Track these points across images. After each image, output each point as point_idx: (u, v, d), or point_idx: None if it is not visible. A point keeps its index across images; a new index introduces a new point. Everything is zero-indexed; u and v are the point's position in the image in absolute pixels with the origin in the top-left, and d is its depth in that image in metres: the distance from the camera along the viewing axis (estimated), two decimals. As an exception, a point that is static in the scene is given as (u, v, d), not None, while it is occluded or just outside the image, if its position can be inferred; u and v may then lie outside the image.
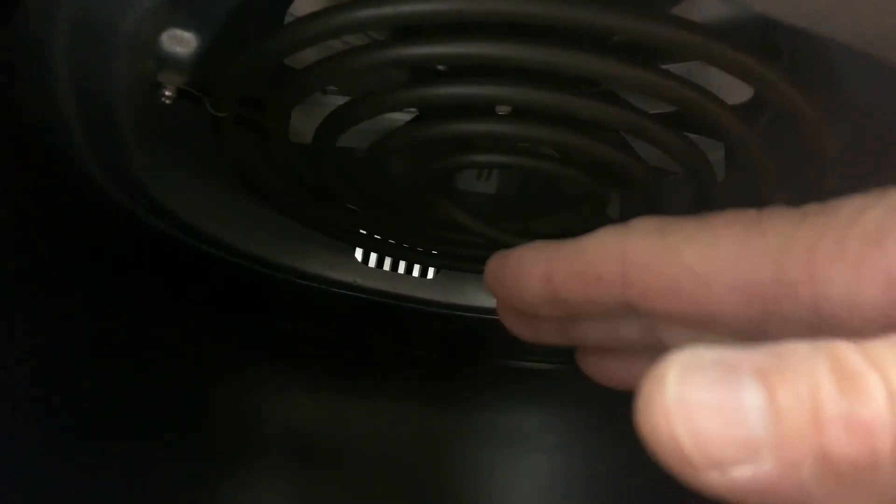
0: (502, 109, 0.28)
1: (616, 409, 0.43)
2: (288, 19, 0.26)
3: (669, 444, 0.12)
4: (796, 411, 0.11)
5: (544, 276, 0.18)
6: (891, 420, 0.11)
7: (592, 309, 0.18)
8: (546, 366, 0.47)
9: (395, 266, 0.43)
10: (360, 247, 0.41)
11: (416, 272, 0.43)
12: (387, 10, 0.21)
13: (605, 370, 0.21)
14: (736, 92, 0.25)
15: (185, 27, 0.24)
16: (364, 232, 0.39)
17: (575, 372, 0.46)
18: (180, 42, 0.24)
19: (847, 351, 0.11)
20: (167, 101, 0.25)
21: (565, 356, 0.46)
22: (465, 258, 0.39)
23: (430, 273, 0.43)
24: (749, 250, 0.15)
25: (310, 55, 0.25)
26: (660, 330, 0.19)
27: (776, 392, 0.11)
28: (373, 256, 0.42)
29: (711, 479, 0.12)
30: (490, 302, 0.43)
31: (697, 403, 0.12)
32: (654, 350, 0.19)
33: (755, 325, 0.16)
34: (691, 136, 0.27)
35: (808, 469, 0.11)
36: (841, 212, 0.14)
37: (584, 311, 0.19)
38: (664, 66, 0.24)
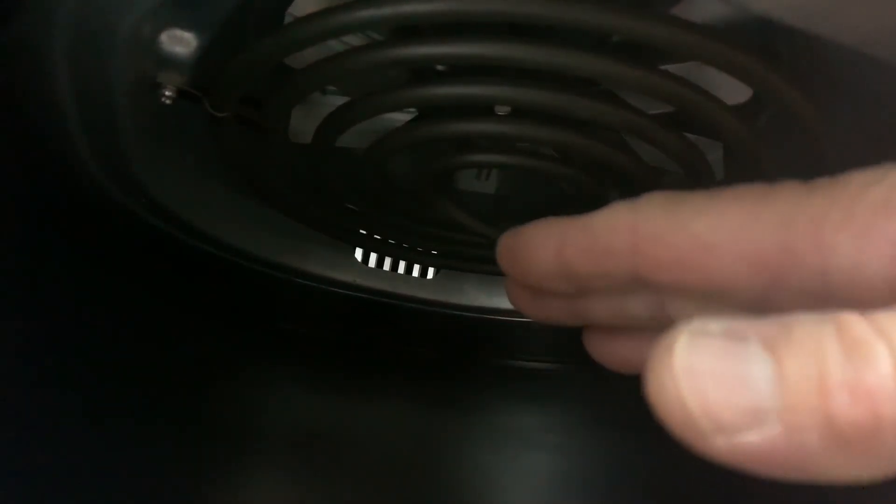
0: (502, 109, 0.28)
1: (614, 410, 0.43)
2: (287, 19, 0.26)
3: (678, 410, 0.12)
4: (803, 378, 0.11)
5: (556, 249, 0.18)
6: (895, 387, 0.11)
7: (602, 283, 0.18)
8: (545, 366, 0.47)
9: (394, 266, 0.43)
10: (359, 247, 0.41)
11: (415, 272, 0.43)
12: (387, 11, 0.21)
13: (611, 350, 0.22)
14: (735, 92, 0.25)
15: (185, 27, 0.24)
16: (364, 232, 0.39)
17: (574, 372, 0.47)
18: (180, 42, 0.24)
19: (853, 320, 0.12)
20: (167, 101, 0.25)
21: (565, 356, 0.47)
22: (465, 258, 0.39)
23: (430, 273, 0.43)
24: (756, 220, 0.15)
25: (309, 55, 0.25)
26: (668, 304, 0.19)
27: (783, 360, 0.11)
28: (373, 256, 0.42)
29: (718, 445, 0.12)
30: (489, 302, 0.43)
31: (706, 371, 0.12)
32: (662, 328, 0.19)
33: (762, 296, 0.16)
34: (690, 136, 0.27)
35: (814, 434, 0.11)
36: (850, 184, 0.14)
37: (594, 286, 0.19)
38: (663, 67, 0.24)
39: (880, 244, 0.13)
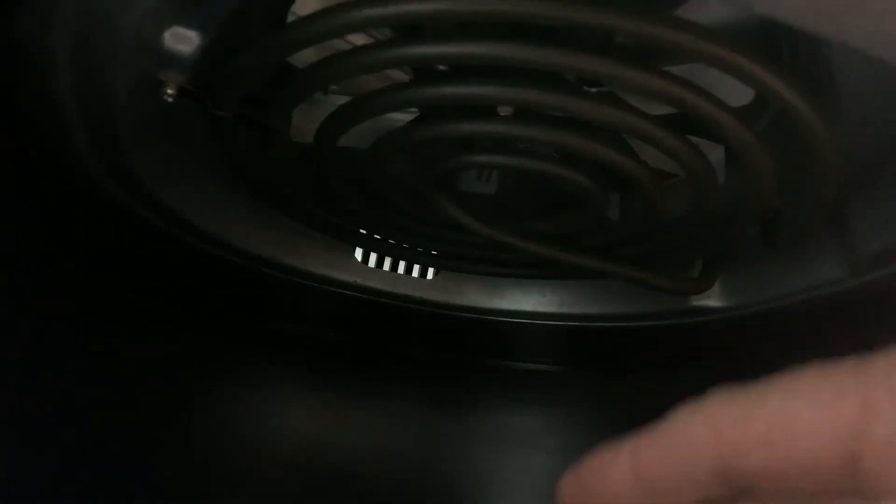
0: (504, 110, 0.28)
1: (613, 411, 0.43)
2: (290, 18, 0.26)
3: None
4: None
5: (631, 466, 0.18)
6: None
7: (683, 489, 0.18)
8: (545, 367, 0.47)
9: (394, 266, 0.43)
10: (359, 246, 0.41)
11: (415, 272, 0.43)
12: (391, 10, 0.21)
13: None
14: (738, 94, 0.25)
15: (188, 25, 0.24)
16: (364, 231, 0.39)
17: (573, 373, 0.46)
18: (182, 40, 0.24)
19: None
20: (168, 100, 0.25)
21: (564, 358, 0.47)
22: (465, 259, 0.39)
23: (430, 273, 0.43)
24: (840, 397, 0.15)
25: (312, 54, 0.25)
26: None
27: None
28: (372, 256, 0.42)
29: None
30: (489, 303, 0.43)
31: None
32: None
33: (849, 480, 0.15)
34: (692, 138, 0.27)
35: None
36: None
37: (676, 496, 0.18)
38: (667, 68, 0.24)
39: None
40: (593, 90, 0.28)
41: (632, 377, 0.42)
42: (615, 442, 0.18)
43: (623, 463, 0.18)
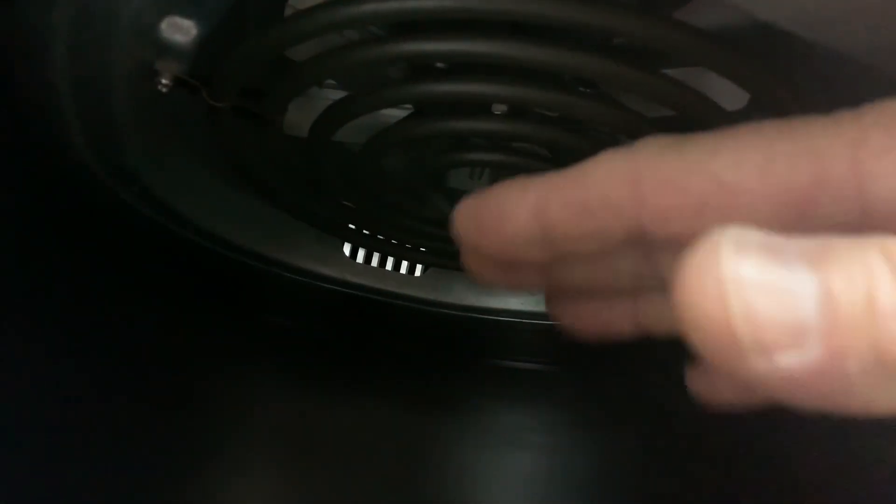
0: (499, 108, 0.29)
1: (600, 410, 0.43)
2: (288, 11, 0.26)
3: (719, 323, 0.11)
4: (850, 301, 0.10)
5: (534, 210, 0.16)
6: None
7: (587, 244, 0.16)
8: (532, 366, 0.47)
9: (382, 262, 0.43)
10: (349, 241, 0.41)
11: (403, 269, 0.43)
12: (391, 6, 0.21)
13: (584, 316, 0.19)
14: (732, 98, 0.26)
15: (186, 15, 0.24)
16: (354, 227, 0.39)
17: (560, 372, 0.47)
18: (180, 30, 0.24)
19: None
20: (164, 89, 0.25)
21: (551, 357, 0.47)
22: (454, 256, 0.39)
23: (418, 270, 0.43)
24: (782, 153, 0.14)
25: (310, 48, 0.25)
26: (663, 260, 0.17)
27: (830, 279, 0.11)
28: (361, 252, 0.42)
29: (756, 365, 0.11)
30: (477, 301, 0.43)
31: (754, 282, 0.11)
32: (643, 290, 0.18)
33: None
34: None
35: (856, 360, 0.11)
36: (888, 108, 0.13)
37: (576, 248, 0.16)
38: (663, 70, 0.24)
39: None
40: (589, 90, 0.28)
41: (620, 376, 0.42)
42: (524, 181, 0.16)
43: (526, 207, 0.16)
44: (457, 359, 0.47)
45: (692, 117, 0.24)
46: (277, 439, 0.40)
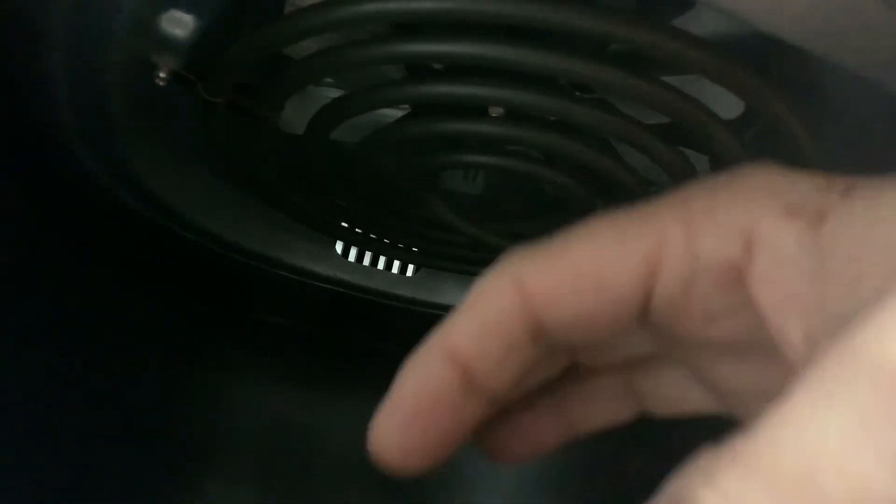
0: (495, 111, 0.29)
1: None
2: (287, 8, 0.26)
3: None
4: None
5: (444, 358, 0.16)
6: None
7: (510, 369, 0.16)
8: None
9: (374, 261, 0.43)
10: (341, 240, 0.41)
11: (395, 268, 0.43)
12: (392, 6, 0.21)
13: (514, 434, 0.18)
14: (727, 107, 0.26)
15: (185, 9, 0.24)
16: (346, 225, 0.39)
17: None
18: (178, 24, 0.24)
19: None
20: (160, 83, 0.25)
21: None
22: (445, 257, 0.39)
23: (410, 270, 0.43)
24: (619, 239, 0.15)
25: (308, 45, 0.25)
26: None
27: None
28: (353, 251, 0.42)
29: None
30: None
31: None
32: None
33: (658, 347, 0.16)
34: (682, 149, 0.27)
35: None
36: (707, 184, 0.15)
37: (502, 380, 0.16)
38: (661, 78, 0.24)
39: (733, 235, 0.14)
40: (585, 95, 0.29)
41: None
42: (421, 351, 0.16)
43: (435, 357, 0.16)
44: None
45: (688, 124, 0.24)
46: (267, 437, 0.40)
